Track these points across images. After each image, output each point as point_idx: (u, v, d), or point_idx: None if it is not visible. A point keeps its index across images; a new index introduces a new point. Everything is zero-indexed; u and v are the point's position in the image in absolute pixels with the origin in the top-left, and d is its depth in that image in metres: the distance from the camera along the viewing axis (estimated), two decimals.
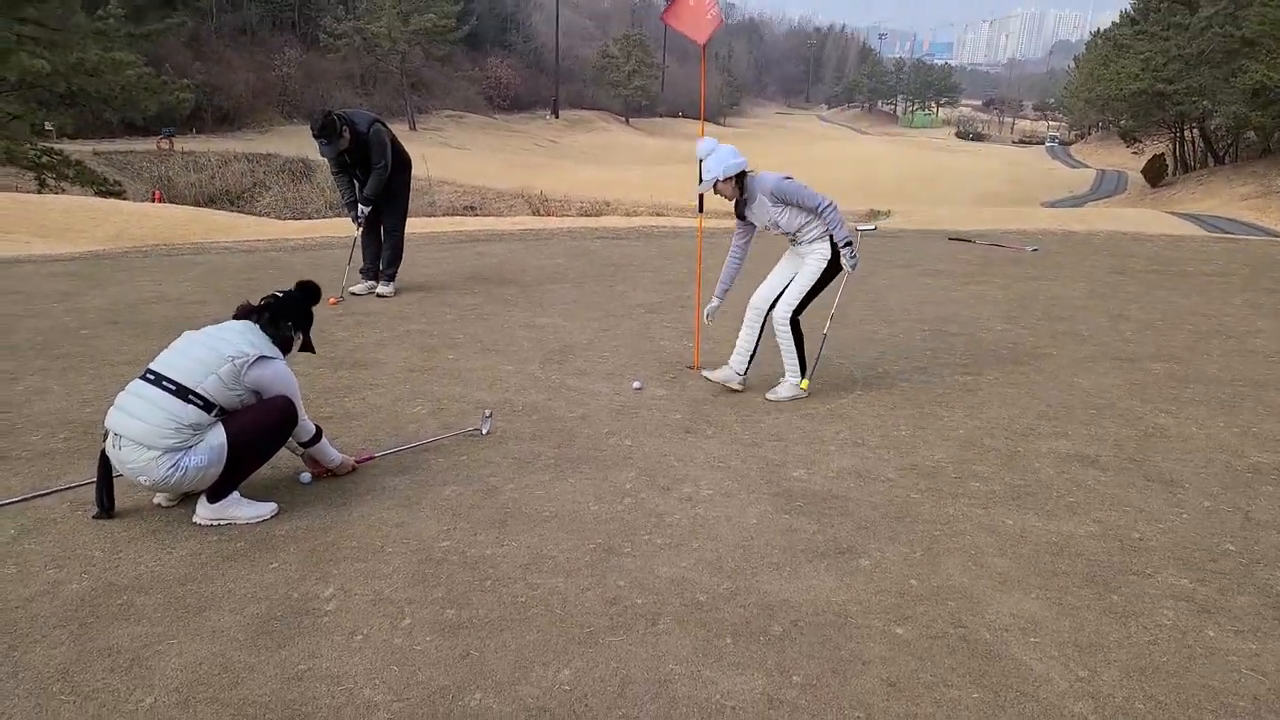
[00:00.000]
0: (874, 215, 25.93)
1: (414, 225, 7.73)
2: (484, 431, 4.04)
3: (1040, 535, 3.21)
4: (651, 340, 5.81)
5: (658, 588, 2.78)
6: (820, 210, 4.44)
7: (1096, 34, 68.58)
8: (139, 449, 2.95)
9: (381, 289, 6.89)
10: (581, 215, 23.80)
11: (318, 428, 3.38)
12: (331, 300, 6.59)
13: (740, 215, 4.68)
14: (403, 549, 2.97)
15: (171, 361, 3.07)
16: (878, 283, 7.93)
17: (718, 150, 4.53)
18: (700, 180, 4.56)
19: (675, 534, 3.14)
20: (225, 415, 3.10)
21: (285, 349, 3.31)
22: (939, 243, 10.84)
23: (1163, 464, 3.90)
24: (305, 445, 3.36)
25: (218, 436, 3.04)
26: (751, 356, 4.77)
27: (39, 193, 23.48)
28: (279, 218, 26.01)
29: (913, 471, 3.75)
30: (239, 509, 3.12)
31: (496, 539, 3.06)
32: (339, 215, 18.82)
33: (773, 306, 4.71)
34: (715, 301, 4.84)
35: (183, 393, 2.98)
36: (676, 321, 6.30)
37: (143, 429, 2.95)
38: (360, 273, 7.00)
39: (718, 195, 4.60)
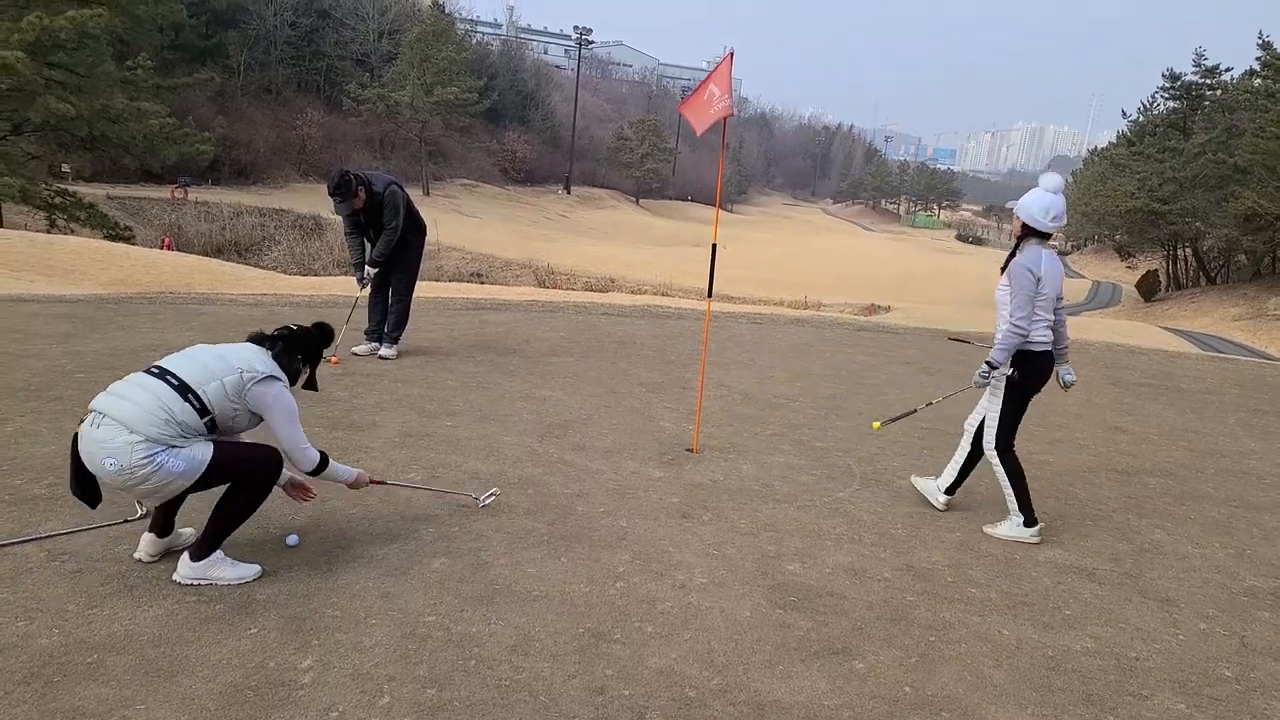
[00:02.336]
0: (875, 310, 26.19)
1: (420, 289, 7.78)
2: (480, 503, 3.98)
3: (1036, 648, 3.14)
4: (652, 420, 5.80)
5: (646, 679, 2.70)
6: (1010, 316, 4.01)
7: (1094, 151, 70.80)
8: (119, 429, 2.82)
9: (384, 351, 6.90)
10: (587, 290, 24.06)
11: (322, 454, 3.25)
12: (333, 360, 6.59)
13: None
14: (386, 622, 2.90)
15: (178, 362, 3.04)
16: (877, 377, 7.96)
17: (1045, 197, 4.02)
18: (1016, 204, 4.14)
19: (666, 623, 3.07)
20: (216, 435, 3.04)
21: (291, 381, 3.27)
22: (939, 342, 10.94)
23: (1159, 581, 3.85)
24: (313, 475, 3.26)
25: (204, 452, 2.95)
26: (960, 474, 4.40)
27: (48, 232, 23.72)
28: (286, 272, 26.26)
29: (909, 572, 3.70)
30: (222, 569, 3.05)
31: (483, 617, 2.99)
32: (347, 273, 18.98)
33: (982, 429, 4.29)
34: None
35: (183, 390, 2.93)
36: (678, 402, 6.30)
37: (131, 411, 2.85)
38: (365, 334, 7.01)
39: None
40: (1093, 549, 4.17)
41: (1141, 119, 52.19)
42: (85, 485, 2.91)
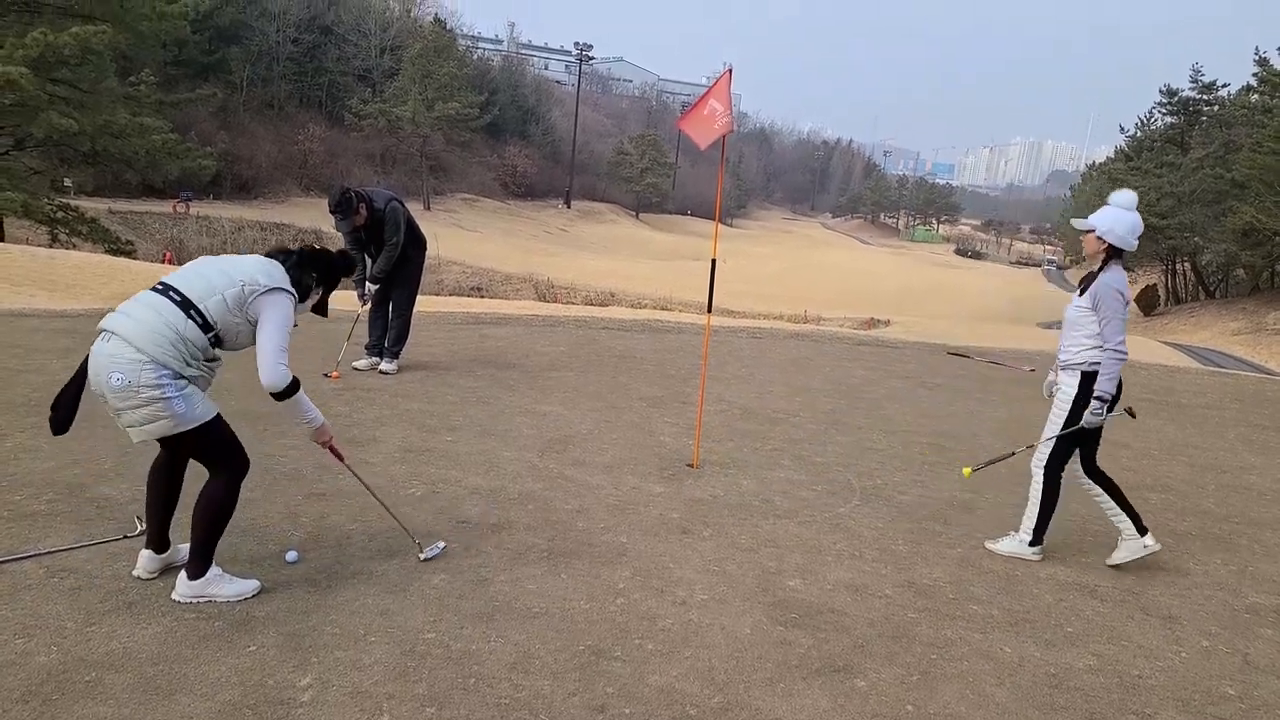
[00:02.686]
0: (874, 324, 26.18)
1: (420, 304, 7.78)
2: (422, 556, 3.52)
3: (1038, 665, 3.13)
4: (652, 435, 5.79)
5: (646, 697, 2.69)
6: (1106, 343, 3.87)
7: (1092, 166, 71.06)
8: (127, 346, 2.83)
9: (385, 366, 6.90)
10: (587, 304, 24.08)
11: (295, 379, 3.02)
12: (333, 374, 6.60)
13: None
14: (385, 639, 2.89)
15: (182, 277, 3.02)
16: (877, 392, 7.96)
17: (1131, 217, 3.92)
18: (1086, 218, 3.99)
19: (667, 640, 3.06)
20: (221, 352, 3.04)
21: (301, 297, 3.17)
22: (939, 356, 10.94)
23: (1160, 598, 3.84)
24: (278, 397, 2.99)
25: (206, 410, 2.96)
26: (1128, 509, 4.12)
27: (50, 247, 23.77)
28: None
29: (910, 589, 3.69)
30: (220, 587, 3.04)
31: (483, 634, 2.98)
32: (347, 288, 18.98)
33: (1090, 460, 4.19)
34: (1050, 376, 4.36)
35: (186, 305, 2.91)
36: (678, 417, 6.29)
37: (137, 330, 2.85)
38: (366, 349, 7.02)
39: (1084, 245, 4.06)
40: (1094, 565, 4.15)
41: (1139, 134, 52.38)
42: (65, 406, 2.91)
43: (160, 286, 2.98)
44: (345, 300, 13.25)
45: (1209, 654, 3.35)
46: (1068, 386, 4.01)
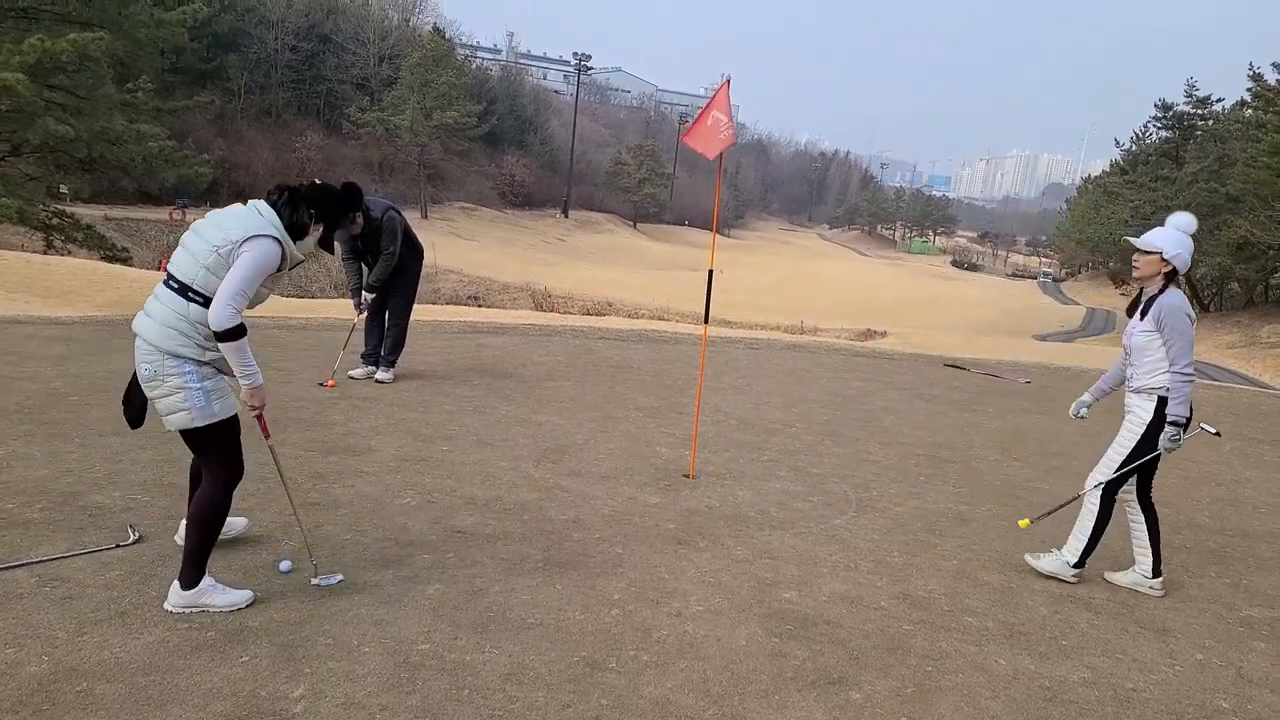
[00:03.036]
0: (871, 335, 26.22)
1: (417, 313, 7.79)
2: (314, 581, 3.32)
3: (1033, 678, 3.13)
4: (648, 445, 5.79)
5: (641, 709, 2.68)
6: (1173, 366, 3.81)
7: (1087, 180, 71.42)
8: (145, 344, 2.96)
9: (380, 375, 6.89)
10: (584, 314, 24.10)
11: (242, 325, 2.92)
12: (329, 383, 6.59)
13: (1131, 313, 4.10)
14: (379, 650, 2.88)
15: (175, 256, 3.03)
16: (874, 404, 7.97)
17: (1185, 239, 3.90)
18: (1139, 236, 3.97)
19: (662, 651, 3.05)
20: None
21: (297, 234, 3.09)
22: (935, 368, 10.96)
23: (1155, 611, 3.84)
24: (220, 338, 2.89)
25: (223, 408, 3.03)
26: (1155, 548, 4.05)
27: (46, 253, 23.74)
28: (283, 295, 26.26)
29: (905, 601, 3.68)
30: (213, 597, 3.03)
31: (477, 645, 2.97)
32: (344, 296, 18.98)
33: (1145, 490, 4.13)
34: (1086, 397, 4.36)
35: (183, 290, 2.94)
36: (674, 427, 6.29)
37: (151, 326, 2.95)
38: (361, 358, 7.01)
39: (1135, 267, 3.99)
40: (1089, 578, 4.15)
41: (1134, 148, 52.65)
42: (133, 401, 3.12)
43: (166, 274, 3.03)
44: (341, 309, 13.26)
45: (1203, 667, 3.35)
46: (1141, 411, 3.93)
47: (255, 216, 3.03)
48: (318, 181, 3.27)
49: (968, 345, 22.69)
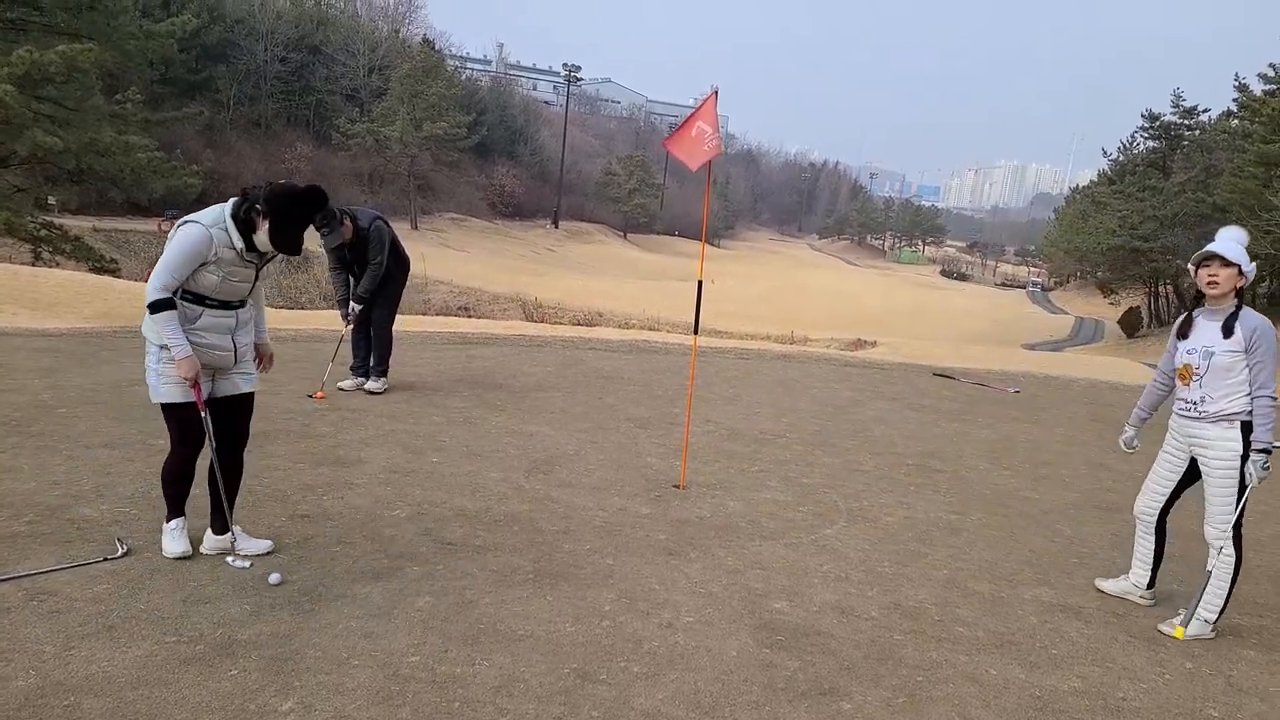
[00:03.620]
0: (862, 345, 26.30)
1: (407, 324, 7.80)
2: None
3: (1024, 688, 3.13)
4: (639, 455, 5.79)
5: None
6: (1258, 390, 3.58)
7: (1076, 189, 71.92)
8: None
9: (371, 385, 6.87)
10: (575, 324, 24.09)
11: (169, 302, 3.29)
12: (318, 394, 6.57)
13: (1183, 336, 3.87)
14: (369, 663, 2.86)
15: None
16: (864, 413, 7.99)
17: (1243, 250, 3.69)
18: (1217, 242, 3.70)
19: (653, 662, 3.05)
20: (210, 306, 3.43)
21: (247, 229, 3.32)
22: (924, 377, 11.00)
23: (1145, 620, 3.86)
24: (151, 309, 3.29)
25: (169, 396, 3.40)
26: (1155, 565, 4.02)
27: (33, 265, 23.60)
28: (272, 305, 26.16)
29: (896, 611, 3.69)
30: (165, 537, 3.52)
31: (468, 657, 2.96)
32: (332, 307, 18.94)
33: (1166, 511, 4.02)
34: (1131, 431, 4.16)
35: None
36: (665, 438, 6.29)
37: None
38: (351, 369, 6.99)
39: (1205, 277, 3.69)
40: (1079, 587, 4.17)
41: (1122, 158, 53.14)
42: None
43: None
44: (330, 320, 13.24)
45: (1193, 676, 3.37)
46: (1231, 441, 3.66)
47: (207, 211, 3.38)
48: (281, 182, 3.42)
49: (957, 355, 22.78)
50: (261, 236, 3.32)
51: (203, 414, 3.44)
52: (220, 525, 3.59)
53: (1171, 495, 4.01)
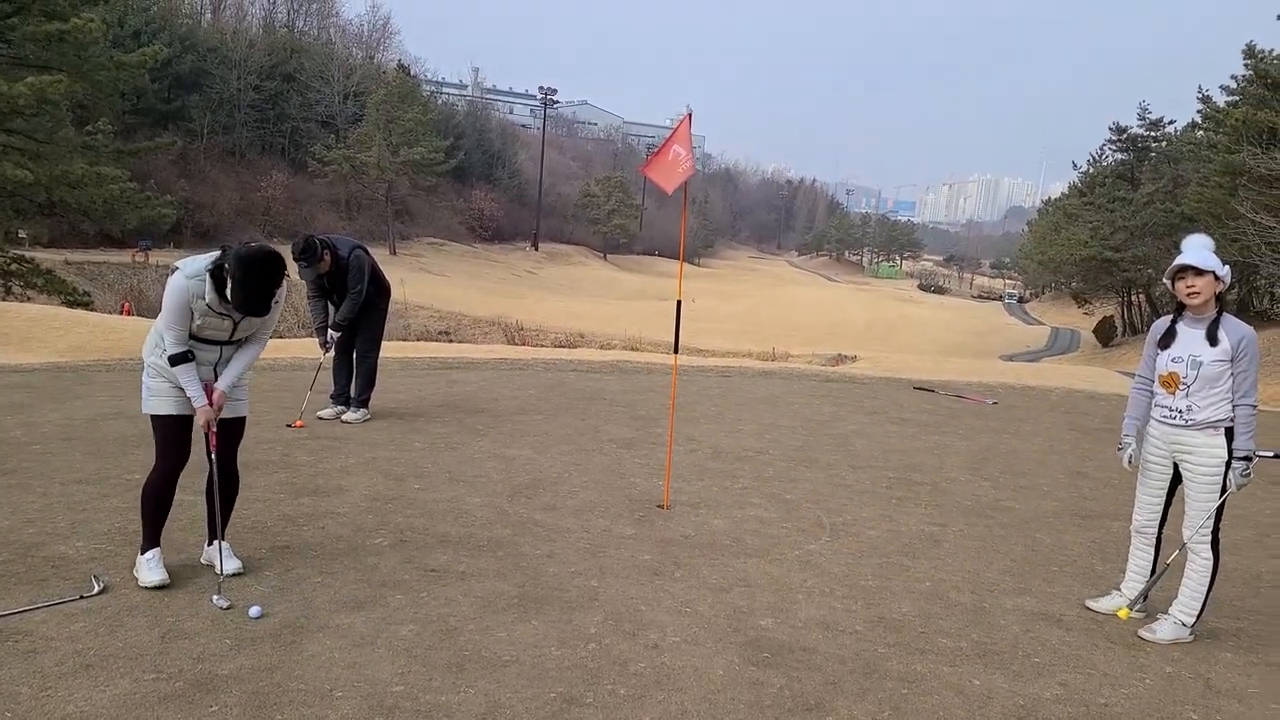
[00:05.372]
0: (842, 360, 26.44)
1: (388, 349, 7.76)
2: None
3: (1007, 697, 3.15)
4: (623, 476, 5.79)
5: None
6: (1241, 399, 3.64)
7: (1047, 202, 72.98)
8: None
9: (349, 416, 6.83)
10: (556, 346, 24.09)
11: (184, 355, 3.50)
12: (297, 423, 6.52)
13: (1165, 345, 3.87)
14: (353, 694, 2.84)
15: None
16: (845, 428, 8.04)
17: (1212, 255, 3.70)
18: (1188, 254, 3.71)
19: (639, 684, 3.04)
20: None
21: (220, 286, 3.44)
22: (905, 391, 11.08)
23: (1124, 626, 3.89)
24: (174, 362, 3.49)
25: (153, 409, 3.59)
26: (1154, 577, 3.98)
27: (3, 299, 23.32)
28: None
29: (880, 624, 3.70)
30: (139, 569, 3.57)
31: (453, 685, 2.94)
32: (311, 335, 18.83)
33: (1163, 521, 3.97)
34: (1131, 444, 3.98)
35: None
36: (648, 458, 6.30)
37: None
38: (330, 398, 6.96)
39: (1183, 289, 3.70)
40: (1059, 595, 4.21)
41: (1091, 170, 53.98)
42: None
43: None
44: (308, 349, 13.17)
45: (1172, 680, 3.40)
46: (1214, 448, 3.68)
47: (194, 260, 3.54)
48: (265, 246, 3.50)
49: (936, 368, 22.95)
50: (229, 292, 3.43)
51: (212, 455, 3.68)
52: (212, 536, 3.78)
53: (1165, 504, 4.00)
